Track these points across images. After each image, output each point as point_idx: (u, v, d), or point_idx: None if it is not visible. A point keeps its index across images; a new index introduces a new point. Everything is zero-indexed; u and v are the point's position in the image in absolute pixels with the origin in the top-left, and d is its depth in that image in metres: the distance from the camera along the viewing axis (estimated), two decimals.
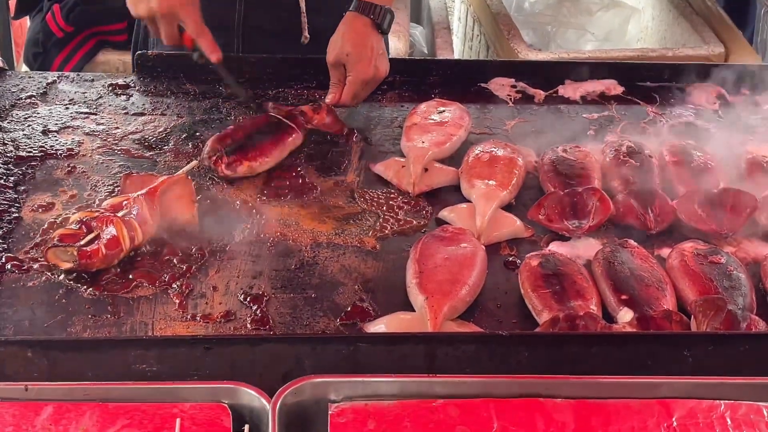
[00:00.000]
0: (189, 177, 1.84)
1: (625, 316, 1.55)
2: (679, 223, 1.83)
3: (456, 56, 4.12)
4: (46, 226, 1.73)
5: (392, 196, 1.91)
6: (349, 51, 2.06)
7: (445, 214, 1.85)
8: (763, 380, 1.35)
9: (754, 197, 1.85)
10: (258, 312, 1.58)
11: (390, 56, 2.20)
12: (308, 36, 2.26)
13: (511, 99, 2.27)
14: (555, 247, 1.77)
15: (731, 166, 2.03)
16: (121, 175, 1.86)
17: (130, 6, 2.03)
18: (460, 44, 4.27)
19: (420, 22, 4.41)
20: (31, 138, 1.98)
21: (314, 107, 2.08)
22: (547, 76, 2.33)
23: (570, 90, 2.30)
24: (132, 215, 1.68)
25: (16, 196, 1.81)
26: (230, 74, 2.01)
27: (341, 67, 2.07)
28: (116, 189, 1.84)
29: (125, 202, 1.70)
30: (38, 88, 2.17)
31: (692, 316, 1.55)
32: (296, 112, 2.05)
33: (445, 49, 3.86)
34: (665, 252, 1.76)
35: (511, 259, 1.75)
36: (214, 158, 1.91)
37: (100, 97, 2.16)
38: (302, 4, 2.23)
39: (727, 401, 1.29)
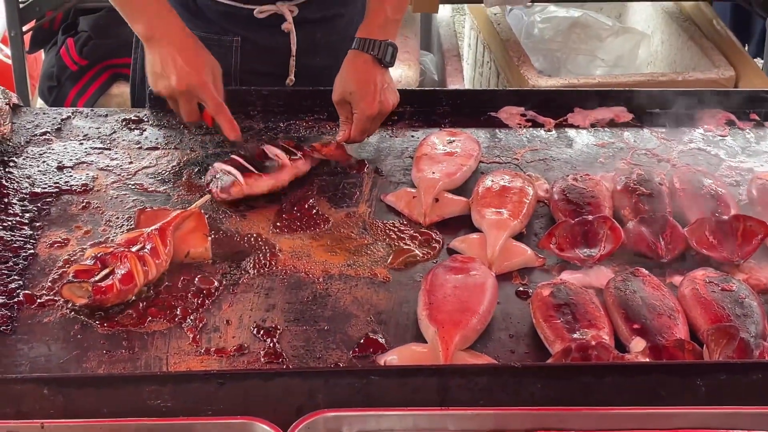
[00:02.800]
0: (202, 211, 1.86)
1: (638, 345, 1.55)
2: (691, 250, 1.83)
3: (466, 83, 4.14)
4: (61, 262, 1.75)
5: (404, 226, 1.92)
6: (352, 89, 2.08)
7: (456, 244, 1.86)
8: None
9: (765, 224, 1.84)
10: (271, 345, 1.58)
11: (400, 85, 2.22)
12: (293, 78, 2.30)
13: (520, 127, 2.28)
14: (566, 276, 1.78)
15: (742, 192, 2.03)
16: (136, 209, 1.88)
17: (150, 83, 2.06)
18: (471, 71, 4.30)
19: (430, 50, 4.43)
20: (46, 174, 2.01)
21: (323, 143, 2.10)
22: (556, 103, 2.34)
23: (579, 118, 2.31)
24: (146, 250, 1.69)
25: (31, 232, 1.83)
26: (248, 149, 2.04)
27: (347, 105, 2.10)
28: (131, 224, 1.85)
29: (139, 237, 1.72)
30: (53, 124, 2.19)
31: (704, 345, 1.55)
32: (303, 145, 2.08)
33: (456, 76, 3.88)
34: (677, 280, 1.76)
35: (522, 288, 1.76)
36: (210, 184, 1.94)
37: (114, 132, 2.18)
38: (293, 48, 2.26)
39: (741, 431, 1.29)
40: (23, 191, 1.94)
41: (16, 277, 1.71)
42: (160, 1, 2.06)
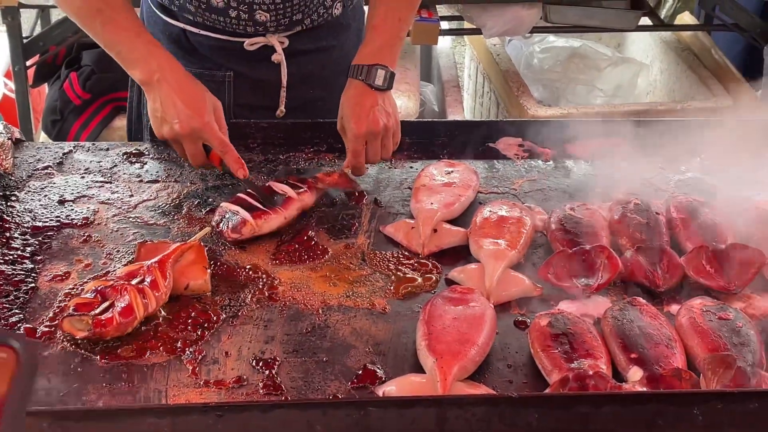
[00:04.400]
0: (202, 243, 1.87)
1: (635, 375, 1.55)
2: (688, 279, 1.84)
3: (467, 113, 4.17)
4: (61, 296, 1.76)
5: (402, 257, 1.93)
6: (345, 113, 2.11)
7: (454, 274, 1.87)
8: None
9: (762, 252, 1.86)
10: (270, 377, 1.59)
11: (401, 117, 2.23)
12: (284, 110, 2.32)
13: (518, 158, 2.29)
14: (564, 305, 1.78)
15: (739, 221, 2.04)
16: (136, 242, 1.90)
17: (154, 128, 2.07)
18: (471, 101, 4.33)
19: (430, 80, 4.47)
20: (47, 208, 2.03)
21: (327, 172, 2.12)
22: (554, 134, 2.35)
23: (577, 148, 2.32)
24: (146, 283, 1.70)
25: (32, 266, 1.84)
26: (256, 187, 2.05)
27: (345, 131, 2.12)
28: (131, 257, 1.87)
29: (139, 270, 1.73)
30: (54, 158, 2.21)
31: (702, 374, 1.55)
32: (307, 176, 2.10)
33: (456, 106, 3.91)
34: (674, 309, 1.76)
35: (520, 318, 1.77)
36: (219, 225, 1.95)
37: (115, 166, 2.20)
38: (284, 80, 2.28)
39: None
40: (25, 225, 1.96)
41: (17, 311, 1.72)
42: (153, 43, 2.06)
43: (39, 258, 1.87)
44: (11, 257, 1.86)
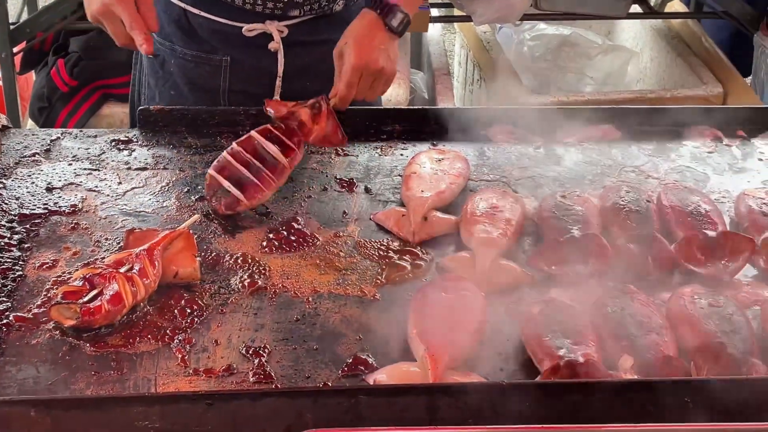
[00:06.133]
0: (191, 231, 1.86)
1: (626, 362, 1.55)
2: (679, 267, 1.84)
3: (457, 101, 4.16)
4: (49, 284, 1.75)
5: (393, 245, 1.92)
6: (348, 40, 2.08)
7: (445, 262, 1.87)
8: (765, 426, 1.35)
9: (753, 240, 1.86)
10: (260, 365, 1.58)
11: (390, 104, 2.22)
12: (279, 100, 2.29)
13: (509, 145, 2.29)
14: (555, 293, 1.78)
15: (729, 209, 2.04)
16: (124, 230, 1.88)
17: (87, 12, 2.02)
18: (461, 89, 4.32)
19: (421, 68, 4.46)
20: (34, 195, 2.01)
21: (313, 112, 2.07)
22: (545, 121, 2.34)
23: (568, 135, 2.32)
24: (134, 271, 1.69)
25: (20, 254, 1.82)
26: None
27: (342, 59, 2.10)
28: (120, 244, 1.85)
29: (128, 258, 1.72)
30: (42, 145, 2.19)
31: (692, 362, 1.55)
32: (294, 125, 2.05)
33: (446, 94, 3.90)
34: (665, 297, 1.76)
35: (512, 306, 1.76)
36: (213, 199, 1.95)
37: (103, 153, 2.18)
38: (280, 70, 2.27)
39: None
40: (12, 213, 1.94)
41: (4, 299, 1.70)
42: None
43: (26, 246, 1.85)
44: None
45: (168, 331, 1.65)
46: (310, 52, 2.30)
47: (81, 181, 2.07)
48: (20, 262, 1.80)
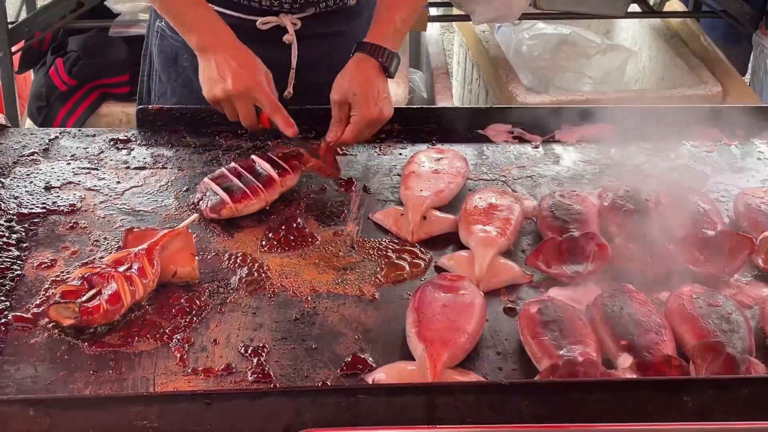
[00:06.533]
0: (189, 230, 1.86)
1: (625, 362, 1.55)
2: (677, 266, 1.83)
3: (455, 100, 4.16)
4: (48, 283, 1.75)
5: (391, 244, 1.92)
6: (356, 91, 2.09)
7: (444, 261, 1.87)
8: (764, 425, 1.35)
9: (752, 239, 1.86)
10: (258, 364, 1.58)
11: None
12: (291, 92, 2.31)
13: (508, 145, 2.29)
14: (554, 292, 1.78)
15: (728, 208, 2.04)
16: (123, 229, 1.88)
17: (205, 89, 2.09)
18: (460, 88, 4.32)
19: (419, 67, 4.45)
20: (33, 195, 2.01)
21: (312, 148, 2.11)
22: (543, 121, 2.35)
23: (566, 135, 2.32)
24: (133, 270, 1.69)
25: (18, 253, 1.82)
26: (303, 141, 2.09)
27: (346, 107, 2.11)
28: (118, 244, 1.85)
29: (126, 257, 1.72)
30: (40, 144, 2.19)
31: (691, 361, 1.55)
32: (293, 153, 2.08)
33: (445, 93, 3.89)
34: (664, 296, 1.76)
35: (510, 305, 1.76)
36: (200, 202, 1.96)
37: (102, 152, 2.18)
38: (293, 61, 2.28)
39: None
40: (10, 212, 1.94)
41: (2, 298, 1.70)
42: (213, 14, 2.12)
43: (25, 245, 1.85)
44: None
45: (167, 331, 1.65)
46: (322, 44, 2.32)
47: (79, 181, 2.07)
48: (19, 262, 1.80)
